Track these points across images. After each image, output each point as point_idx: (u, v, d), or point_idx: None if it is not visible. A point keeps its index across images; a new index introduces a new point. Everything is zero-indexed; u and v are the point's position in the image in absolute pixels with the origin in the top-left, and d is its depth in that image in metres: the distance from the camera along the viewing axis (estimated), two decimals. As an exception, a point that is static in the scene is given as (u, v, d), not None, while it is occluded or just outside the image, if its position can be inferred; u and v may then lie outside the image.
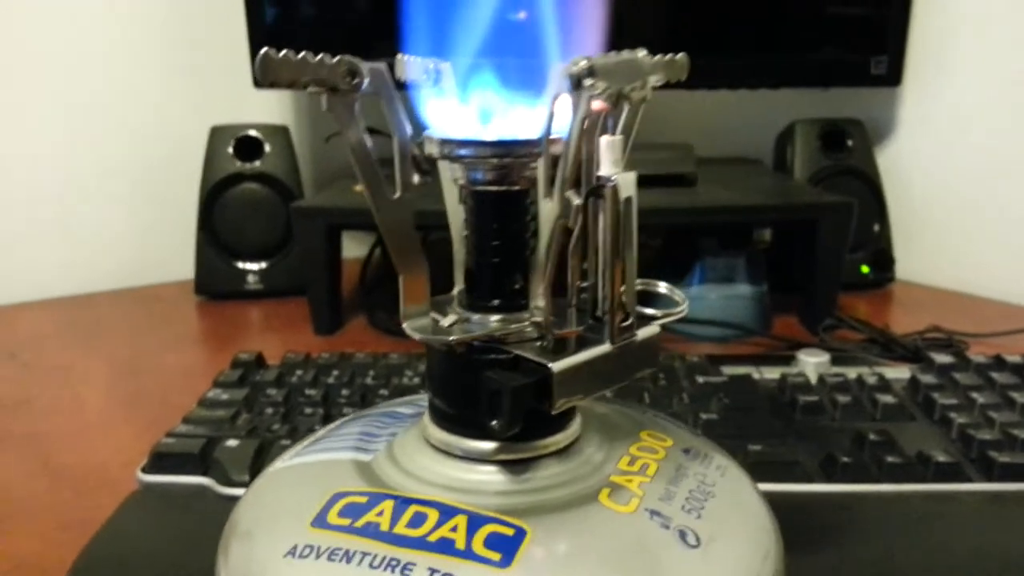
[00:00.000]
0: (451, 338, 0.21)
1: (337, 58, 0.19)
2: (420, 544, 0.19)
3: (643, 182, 0.21)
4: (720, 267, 0.70)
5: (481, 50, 0.22)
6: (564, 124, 0.20)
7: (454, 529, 0.19)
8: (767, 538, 0.21)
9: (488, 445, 0.22)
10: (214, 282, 0.83)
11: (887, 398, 0.50)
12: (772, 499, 0.42)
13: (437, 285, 0.23)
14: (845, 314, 0.70)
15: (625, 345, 0.21)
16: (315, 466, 0.23)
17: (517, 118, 0.22)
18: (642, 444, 0.23)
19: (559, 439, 0.22)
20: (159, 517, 0.42)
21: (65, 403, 0.60)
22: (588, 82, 0.18)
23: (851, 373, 0.54)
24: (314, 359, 0.58)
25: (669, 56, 0.23)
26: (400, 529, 0.19)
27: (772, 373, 0.55)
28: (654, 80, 0.23)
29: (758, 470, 0.43)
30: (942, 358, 0.55)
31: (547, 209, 0.20)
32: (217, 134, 0.83)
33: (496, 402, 0.20)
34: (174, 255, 0.86)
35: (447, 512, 0.20)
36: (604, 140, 0.20)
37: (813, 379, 0.53)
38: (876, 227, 0.82)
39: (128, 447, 0.50)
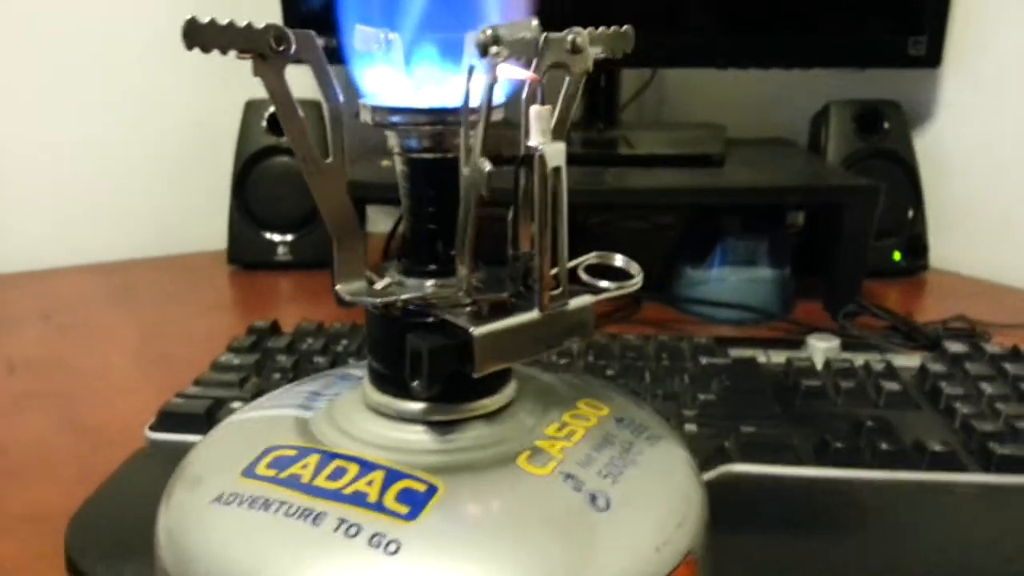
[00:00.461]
0: (380, 300, 0.22)
1: (264, 24, 0.20)
2: (335, 496, 0.20)
3: (669, 162, 0.21)
4: (741, 249, 0.69)
5: (419, 21, 0.23)
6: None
7: (370, 483, 0.20)
8: (686, 507, 0.21)
9: (418, 406, 0.22)
10: (245, 252, 0.85)
11: (892, 385, 0.49)
12: (761, 481, 0.42)
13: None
14: (872, 301, 0.69)
15: (556, 315, 0.21)
16: (261, 421, 0.24)
17: (450, 86, 0.22)
18: (576, 412, 0.23)
19: (487, 403, 0.22)
20: (159, 473, 0.44)
21: (93, 364, 0.62)
22: (494, 50, 0.19)
23: (858, 359, 0.53)
24: (326, 328, 0.59)
25: (613, 28, 0.23)
26: (319, 481, 0.20)
27: (779, 357, 0.54)
28: (596, 52, 0.23)
29: (748, 451, 0.43)
30: (955, 347, 0.54)
31: (465, 176, 0.20)
32: (251, 108, 0.84)
33: (416, 363, 0.21)
34: (209, 225, 0.88)
35: (367, 467, 0.21)
36: (533, 110, 0.20)
37: (819, 364, 0.53)
38: (910, 213, 0.80)
39: (148, 408, 0.52)
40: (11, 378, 0.60)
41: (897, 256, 0.79)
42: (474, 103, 0.20)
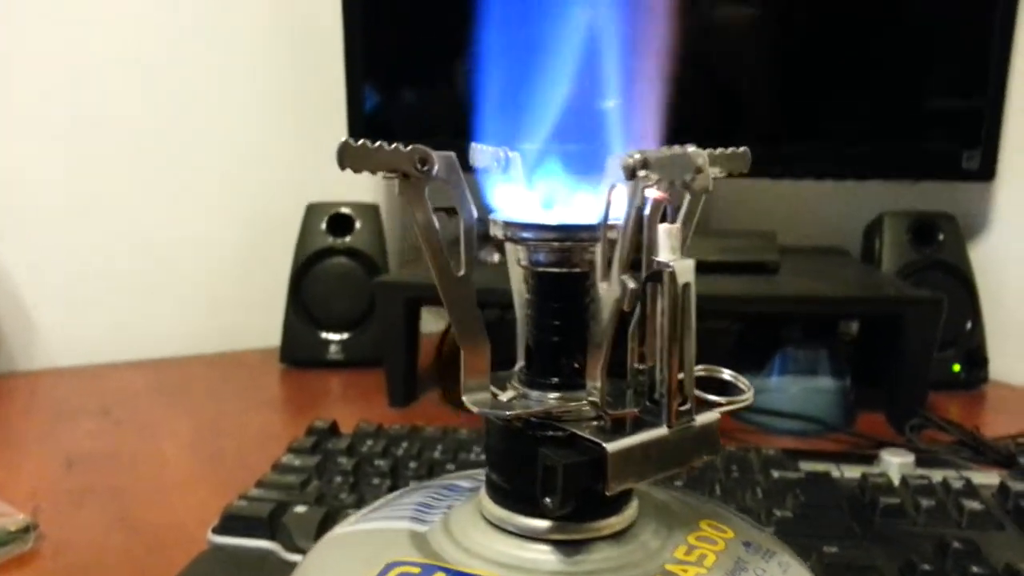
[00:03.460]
0: (508, 413, 0.22)
1: (410, 147, 0.21)
2: (467, 617, 0.19)
3: (724, 269, 0.21)
4: (801, 359, 0.69)
5: (547, 138, 0.23)
6: (620, 212, 0.20)
7: (502, 605, 0.19)
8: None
9: (542, 523, 0.22)
10: (298, 350, 0.85)
11: (974, 504, 0.47)
12: (845, 604, 0.41)
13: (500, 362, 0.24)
14: (934, 414, 0.67)
15: (683, 430, 0.21)
16: (372, 534, 0.24)
17: (578, 204, 0.23)
18: (701, 534, 0.23)
19: (614, 522, 0.22)
20: (226, 577, 0.43)
21: (149, 460, 0.62)
22: (642, 173, 0.19)
23: (936, 476, 0.52)
24: (385, 430, 0.59)
25: (731, 149, 0.24)
26: (449, 601, 0.20)
27: (853, 472, 0.53)
28: (715, 172, 0.23)
29: (833, 572, 0.41)
30: (1037, 465, 0.52)
31: (604, 291, 0.20)
32: (312, 211, 0.87)
33: (550, 479, 0.20)
34: (263, 323, 0.89)
35: (496, 588, 0.20)
36: (663, 228, 0.21)
37: (896, 480, 0.51)
38: (968, 324, 0.79)
39: (203, 507, 0.52)
40: (69, 473, 0.60)
41: (957, 368, 0.78)
42: (611, 219, 0.21)
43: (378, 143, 0.20)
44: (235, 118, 0.90)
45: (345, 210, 0.87)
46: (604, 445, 0.20)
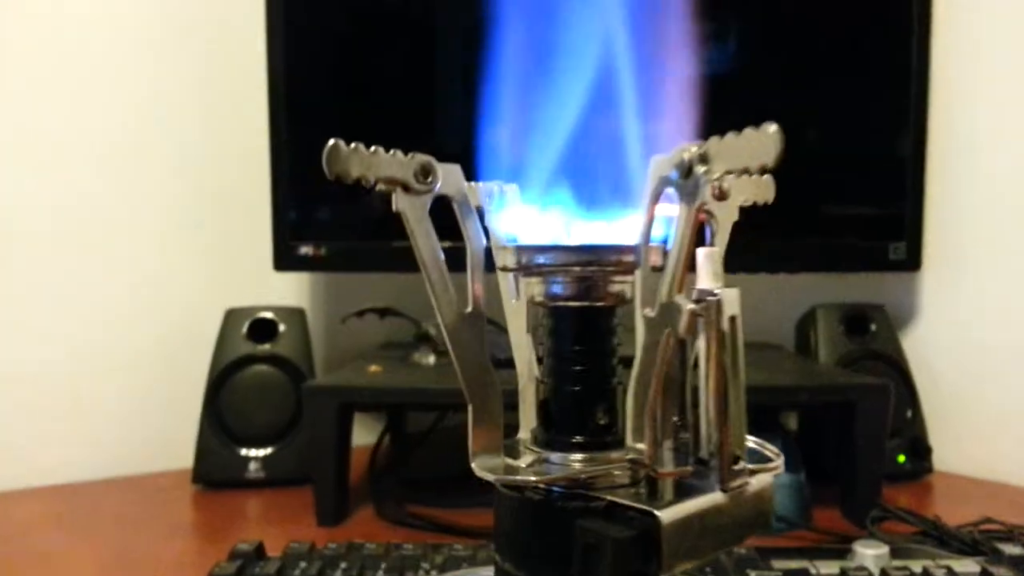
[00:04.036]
0: (531, 479, 0.18)
1: (411, 155, 0.18)
2: None
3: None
4: (756, 454, 0.66)
5: (560, 164, 0.21)
6: (658, 230, 0.18)
7: None
8: None
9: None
10: (213, 470, 0.78)
11: (962, 593, 0.45)
12: None
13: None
14: (891, 505, 0.65)
15: (737, 496, 0.18)
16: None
17: (600, 228, 0.20)
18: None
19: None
20: None
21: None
22: (701, 169, 0.17)
23: (915, 566, 0.49)
24: (319, 550, 0.53)
25: (755, 176, 0.22)
26: None
27: (829, 568, 0.50)
28: (741, 200, 0.21)
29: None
30: (1012, 549, 0.51)
31: (649, 320, 0.17)
32: (232, 316, 0.81)
33: (591, 560, 0.16)
34: (175, 441, 0.81)
35: None
36: (702, 252, 0.18)
37: (876, 573, 0.48)
38: (909, 413, 0.79)
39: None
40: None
41: (902, 459, 0.77)
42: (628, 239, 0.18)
43: (374, 148, 0.17)
44: (149, 218, 0.86)
45: (268, 314, 0.82)
46: (657, 513, 0.16)
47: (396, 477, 0.77)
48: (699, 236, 0.18)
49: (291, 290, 0.89)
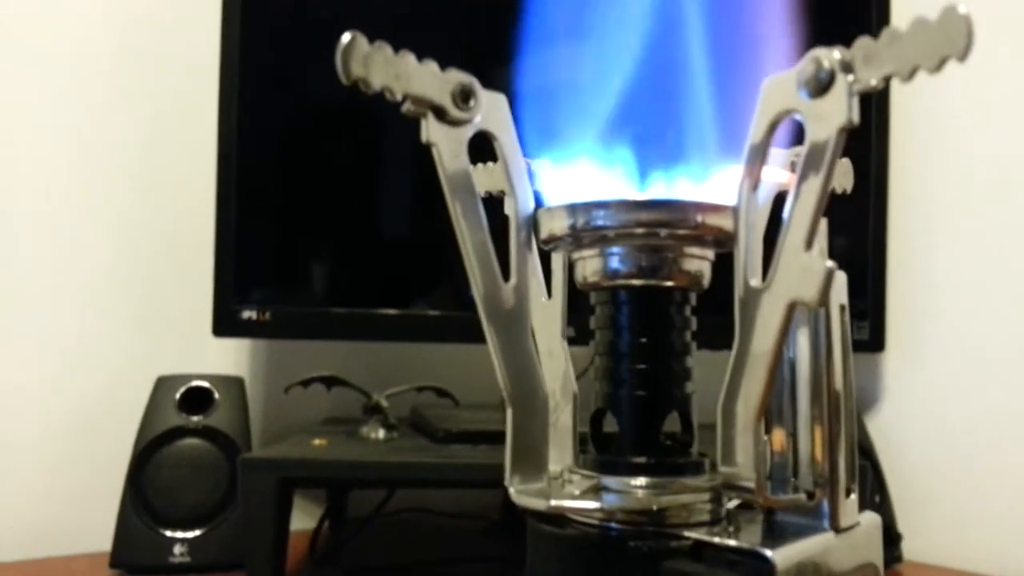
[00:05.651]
0: (592, 506, 0.14)
1: (449, 70, 0.14)
2: None
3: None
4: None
5: (618, 115, 0.17)
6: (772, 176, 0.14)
7: None
8: None
9: None
10: (134, 553, 0.70)
11: None
12: None
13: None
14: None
15: (848, 536, 0.14)
16: None
17: (674, 188, 0.16)
18: None
19: None
20: None
21: None
22: (847, 78, 0.13)
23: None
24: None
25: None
26: None
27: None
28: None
29: None
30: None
31: (754, 295, 0.14)
32: (163, 385, 0.75)
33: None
34: (93, 521, 0.74)
35: None
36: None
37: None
38: (877, 499, 0.76)
39: None
40: None
41: (872, 547, 0.74)
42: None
43: (403, 52, 0.13)
44: (74, 276, 0.80)
45: (203, 383, 0.75)
46: (769, 555, 0.13)
47: (337, 564, 0.70)
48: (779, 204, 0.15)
49: (228, 358, 0.83)
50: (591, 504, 0.13)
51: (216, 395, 0.75)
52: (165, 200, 0.83)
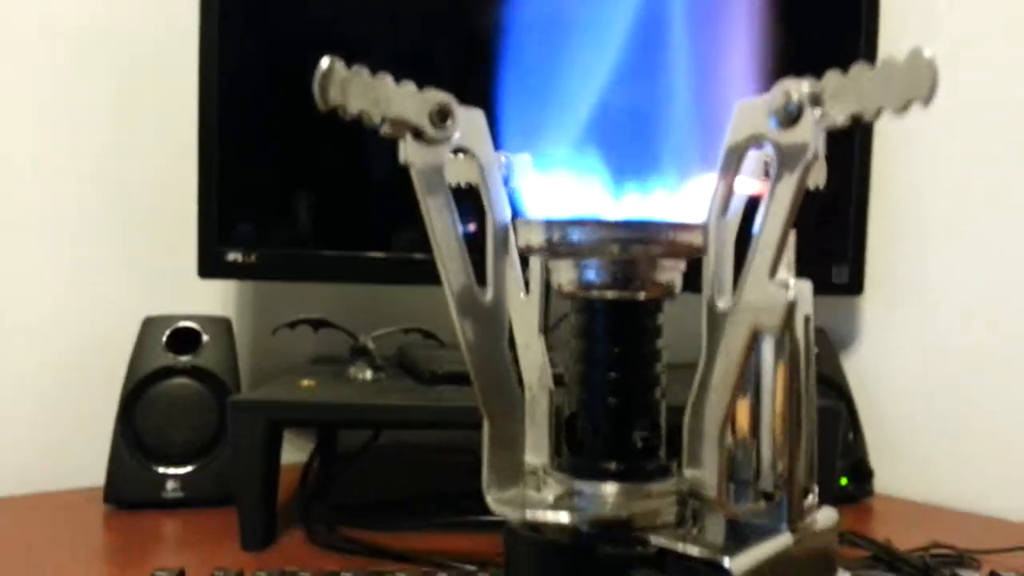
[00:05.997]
0: (564, 518, 0.15)
1: (424, 89, 0.14)
2: None
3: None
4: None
5: (585, 133, 0.18)
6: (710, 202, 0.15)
7: None
8: None
9: None
10: (127, 489, 0.72)
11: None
12: None
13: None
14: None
15: (805, 535, 0.15)
16: None
17: (644, 203, 0.17)
18: None
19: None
20: None
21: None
22: (815, 113, 0.14)
23: (877, 595, 0.48)
24: (249, 578, 0.49)
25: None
26: None
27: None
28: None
29: None
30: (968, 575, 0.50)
31: (719, 317, 0.14)
32: (150, 325, 0.76)
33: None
34: (86, 457, 0.75)
35: None
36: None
37: (839, 602, 0.47)
38: (851, 436, 0.79)
39: None
40: None
41: (844, 481, 0.77)
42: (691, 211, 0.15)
43: (381, 74, 0.14)
44: (62, 218, 0.79)
45: (190, 324, 0.76)
46: (726, 564, 0.14)
47: (327, 500, 0.72)
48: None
49: (216, 299, 0.84)
50: (563, 516, 0.14)
51: (204, 336, 0.76)
52: (149, 143, 0.82)
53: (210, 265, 0.74)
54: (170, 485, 0.73)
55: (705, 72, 0.17)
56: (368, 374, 0.73)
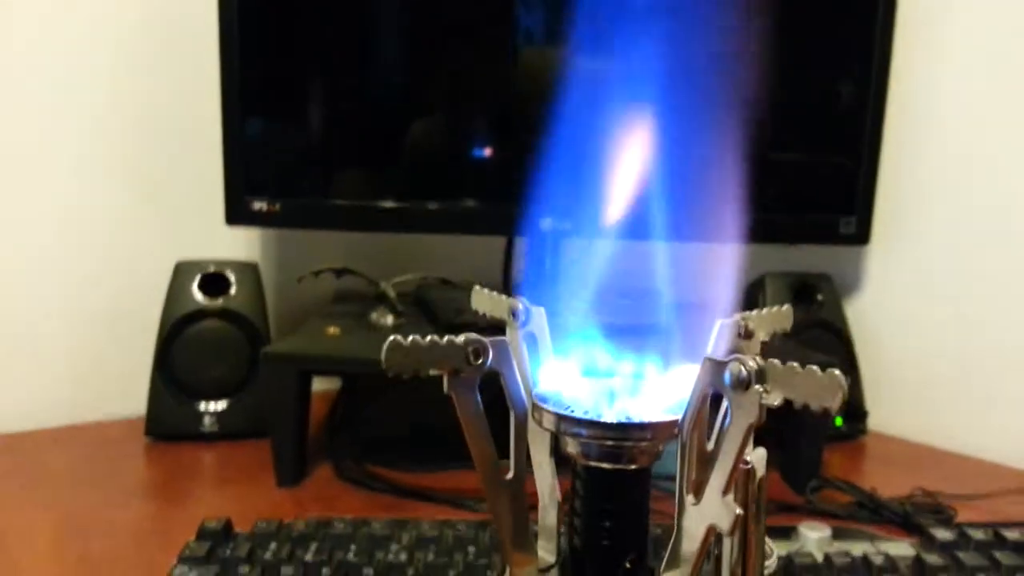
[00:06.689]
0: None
1: (462, 338, 0.18)
2: None
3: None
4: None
5: (592, 308, 0.21)
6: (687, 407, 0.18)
7: None
8: None
9: None
10: (166, 423, 0.78)
11: (898, 582, 0.49)
12: None
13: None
14: (828, 473, 0.70)
15: None
16: None
17: (642, 396, 0.20)
18: None
19: None
20: None
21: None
22: (759, 388, 0.17)
23: (855, 550, 0.53)
24: (288, 528, 0.54)
25: (775, 308, 0.22)
26: None
27: (776, 549, 0.53)
28: (763, 336, 0.22)
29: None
30: (942, 534, 0.54)
31: (696, 512, 0.18)
32: (182, 269, 0.79)
33: None
34: (124, 391, 0.80)
35: None
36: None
37: (819, 557, 0.52)
38: (848, 380, 0.82)
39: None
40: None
41: (839, 422, 0.81)
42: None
43: (429, 338, 0.18)
44: (98, 167, 0.82)
45: (219, 268, 0.80)
46: None
47: (353, 436, 0.77)
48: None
49: (241, 245, 0.87)
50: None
51: (233, 280, 0.80)
52: (177, 87, 0.84)
53: (237, 213, 0.77)
54: (207, 420, 0.78)
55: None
56: (389, 319, 0.77)
